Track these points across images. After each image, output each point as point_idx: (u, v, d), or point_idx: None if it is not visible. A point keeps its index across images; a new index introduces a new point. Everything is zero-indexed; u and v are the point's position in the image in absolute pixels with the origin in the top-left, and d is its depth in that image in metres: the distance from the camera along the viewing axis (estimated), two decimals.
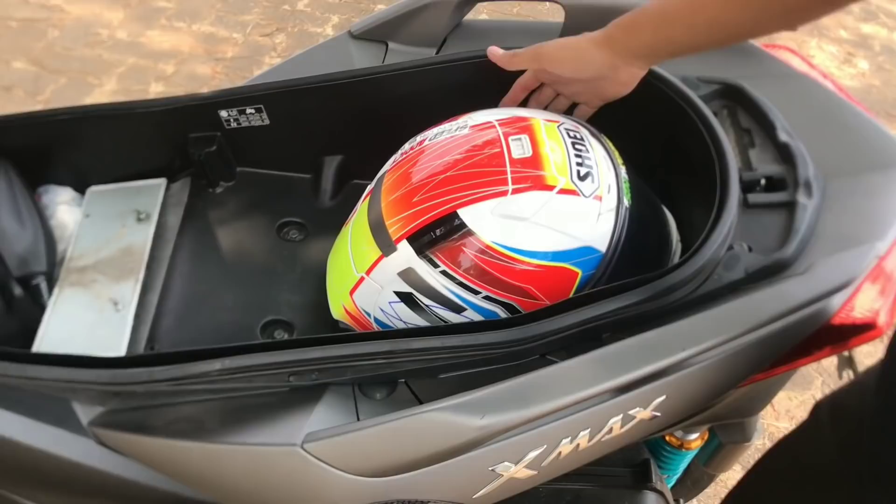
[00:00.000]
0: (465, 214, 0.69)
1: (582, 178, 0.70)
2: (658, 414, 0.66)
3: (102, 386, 0.70)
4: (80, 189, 0.99)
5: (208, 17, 2.60)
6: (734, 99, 0.84)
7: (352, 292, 0.78)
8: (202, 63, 2.39)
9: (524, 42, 0.84)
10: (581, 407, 0.63)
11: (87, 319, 0.85)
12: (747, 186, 0.76)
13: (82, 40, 2.41)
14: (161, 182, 0.98)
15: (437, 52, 0.96)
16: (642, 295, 0.67)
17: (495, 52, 0.84)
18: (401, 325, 0.75)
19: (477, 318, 0.72)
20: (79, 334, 0.84)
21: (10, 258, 0.87)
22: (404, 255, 0.71)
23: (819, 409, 0.68)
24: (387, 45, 0.97)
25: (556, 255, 0.69)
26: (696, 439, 0.96)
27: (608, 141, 0.77)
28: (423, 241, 0.70)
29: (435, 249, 0.70)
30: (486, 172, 0.70)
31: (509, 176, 0.69)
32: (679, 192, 0.84)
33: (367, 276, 0.75)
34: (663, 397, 0.65)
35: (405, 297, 0.73)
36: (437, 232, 0.70)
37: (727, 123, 0.82)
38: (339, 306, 0.81)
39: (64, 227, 0.94)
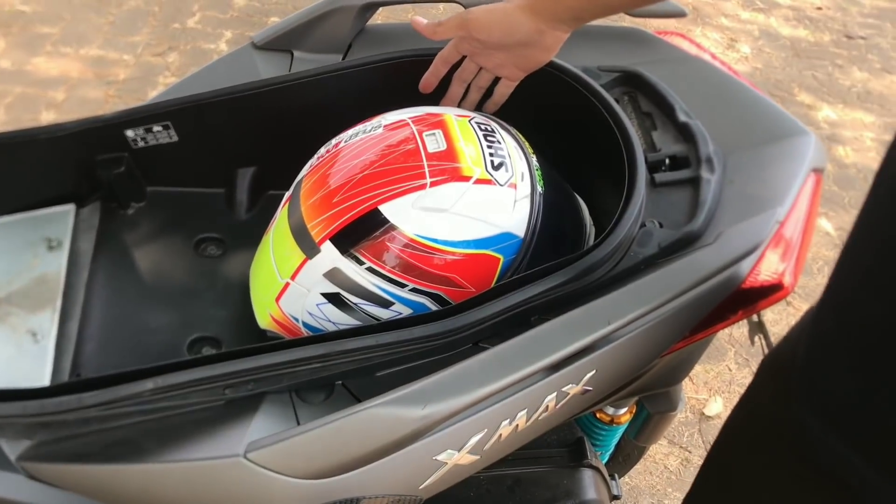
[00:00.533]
0: (387, 210, 0.70)
1: (496, 168, 0.72)
2: (590, 388, 0.69)
3: (30, 418, 0.68)
4: None
5: (95, 40, 2.53)
6: (634, 85, 0.87)
7: (278, 299, 0.78)
8: (93, 88, 2.32)
9: (426, 43, 0.85)
10: (517, 388, 0.65)
11: (6, 354, 0.82)
12: (653, 167, 0.80)
13: None
14: (69, 208, 0.95)
15: (343, 58, 0.97)
16: (565, 276, 0.69)
17: (419, 23, 0.85)
18: (331, 327, 0.76)
19: (406, 311, 0.73)
20: None
21: None
22: (329, 255, 0.72)
23: (762, 365, 0.72)
24: (292, 55, 0.97)
25: (478, 243, 0.71)
26: (624, 413, 0.99)
27: (518, 133, 0.79)
28: (347, 239, 0.71)
29: (359, 247, 0.71)
30: (404, 168, 0.71)
31: (426, 170, 0.71)
32: (590, 179, 0.87)
33: (293, 280, 0.75)
34: (593, 371, 0.68)
35: (333, 298, 0.74)
36: (360, 229, 0.71)
37: (629, 109, 0.86)
38: (265, 315, 0.81)
39: None
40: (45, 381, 0.80)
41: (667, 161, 0.81)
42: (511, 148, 0.75)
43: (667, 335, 0.72)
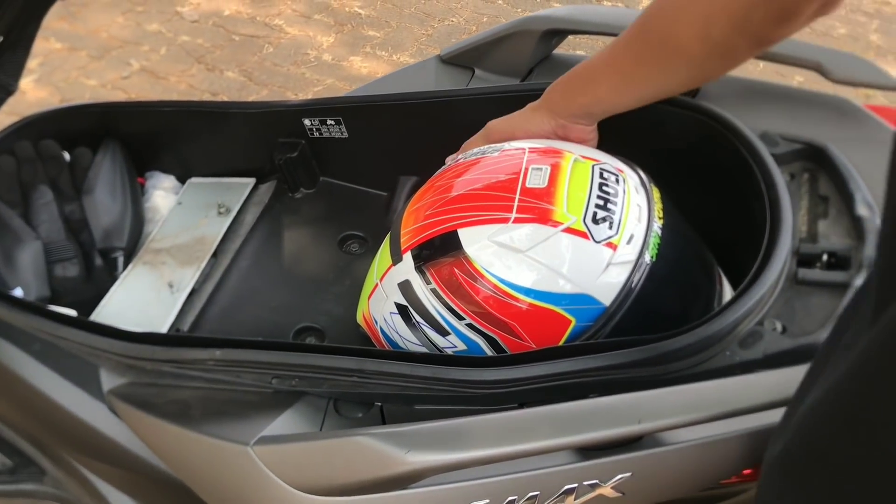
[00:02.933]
0: (464, 235, 0.66)
1: (596, 222, 0.64)
2: (621, 494, 0.59)
3: (115, 356, 0.74)
4: (184, 179, 1.06)
5: (410, 48, 2.71)
6: (817, 162, 0.73)
7: (369, 297, 0.77)
8: None
9: None
10: (529, 465, 0.58)
11: (145, 297, 0.90)
12: (806, 260, 0.66)
13: (291, 58, 2.59)
14: (250, 181, 1.03)
15: (521, 82, 0.93)
16: (635, 356, 0.60)
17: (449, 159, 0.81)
18: (398, 340, 0.73)
19: (460, 346, 0.68)
20: (133, 309, 0.89)
21: (96, 230, 0.94)
22: (406, 266, 0.69)
23: None
24: (473, 72, 0.95)
25: (548, 297, 0.64)
26: None
27: (656, 192, 0.70)
28: (422, 254, 0.68)
29: (430, 265, 0.68)
30: (496, 197, 0.66)
31: (516, 204, 0.65)
32: (730, 256, 0.75)
33: (381, 283, 0.74)
34: (628, 475, 0.58)
35: (402, 310, 0.71)
36: (435, 248, 0.67)
37: (804, 188, 0.73)
38: (360, 312, 0.80)
39: (156, 211, 1.01)
40: (162, 329, 0.87)
41: (824, 257, 0.67)
42: (630, 205, 0.67)
43: (738, 457, 0.59)
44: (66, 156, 0.97)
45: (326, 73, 2.55)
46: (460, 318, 0.67)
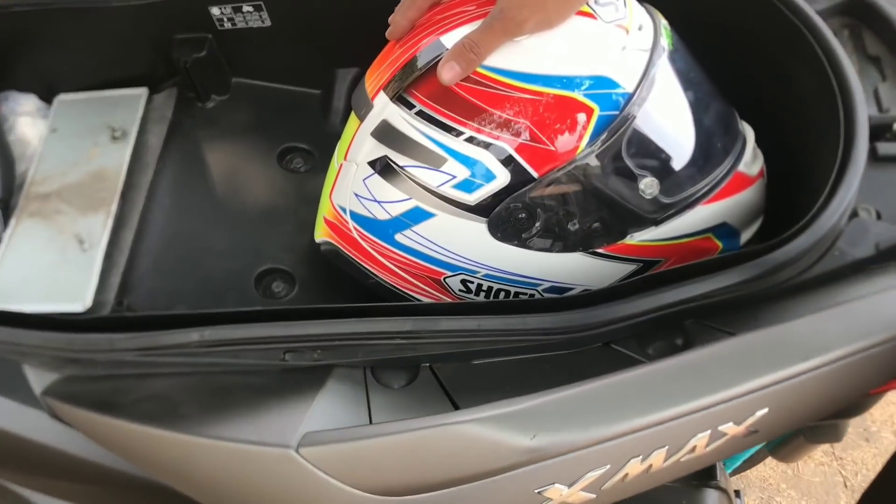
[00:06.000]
0: (449, 41, 0.55)
1: (600, 4, 0.56)
2: (756, 430, 0.52)
3: (55, 352, 0.56)
4: (48, 97, 0.83)
5: None
6: (859, 16, 0.66)
7: (331, 193, 0.64)
8: None
9: None
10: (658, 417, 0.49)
11: (48, 259, 0.71)
12: (876, 132, 0.60)
13: None
14: (142, 92, 0.82)
15: None
16: (741, 276, 0.52)
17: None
18: (376, 208, 0.60)
19: (462, 172, 0.56)
20: (37, 277, 0.70)
21: None
22: (379, 107, 0.58)
23: None
24: None
25: (563, 82, 0.54)
26: None
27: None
28: (400, 83, 0.57)
29: (411, 86, 0.56)
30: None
31: None
32: (782, 138, 0.67)
33: (345, 160, 0.61)
34: (765, 410, 0.50)
35: (380, 164, 0.59)
36: (416, 66, 0.56)
37: (849, 48, 0.65)
38: (320, 221, 0.67)
39: (25, 144, 0.79)
40: (86, 299, 0.68)
41: (895, 126, 0.60)
42: (630, 1, 0.59)
43: (878, 373, 0.53)
44: None
45: None
46: (458, 132, 0.55)
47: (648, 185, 0.57)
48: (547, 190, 0.56)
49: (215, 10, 0.76)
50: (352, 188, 0.61)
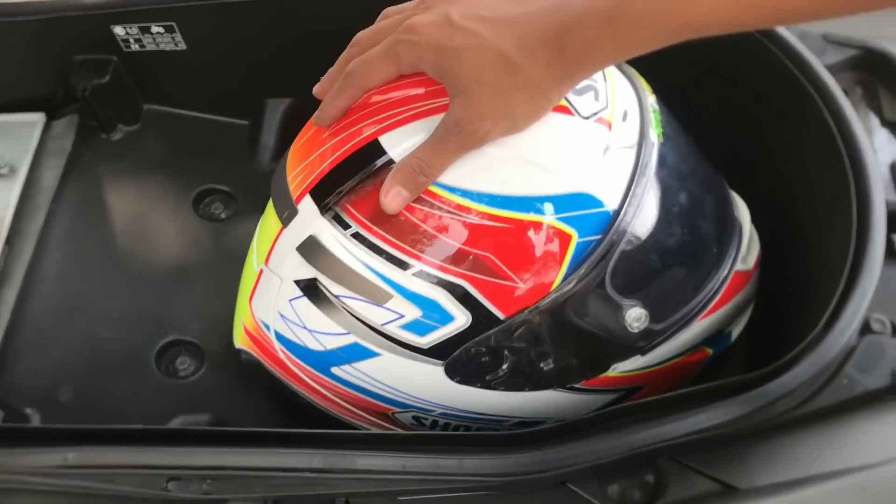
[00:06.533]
0: (389, 142, 0.44)
1: (577, 93, 0.45)
2: None
3: None
4: None
5: None
6: (875, 72, 0.56)
7: (251, 298, 0.52)
8: None
9: None
10: None
11: None
12: (893, 220, 0.50)
13: None
14: (38, 118, 0.70)
15: None
16: (729, 413, 0.42)
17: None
18: (306, 336, 0.49)
19: (412, 312, 0.45)
20: None
21: None
22: (305, 217, 0.46)
23: None
24: None
25: (533, 204, 0.43)
26: None
27: (634, 72, 0.51)
28: (329, 188, 0.45)
29: (344, 200, 0.45)
30: (422, 81, 0.46)
31: None
32: (778, 208, 0.57)
33: (266, 265, 0.50)
34: None
35: (309, 288, 0.47)
36: (348, 172, 0.45)
37: (861, 109, 0.55)
38: (238, 329, 0.56)
39: None
40: None
41: None
42: (611, 75, 0.48)
43: None
44: None
45: None
46: (404, 265, 0.44)
47: (636, 318, 0.46)
48: (516, 332, 0.45)
49: (119, 30, 0.64)
50: (275, 306, 0.49)
